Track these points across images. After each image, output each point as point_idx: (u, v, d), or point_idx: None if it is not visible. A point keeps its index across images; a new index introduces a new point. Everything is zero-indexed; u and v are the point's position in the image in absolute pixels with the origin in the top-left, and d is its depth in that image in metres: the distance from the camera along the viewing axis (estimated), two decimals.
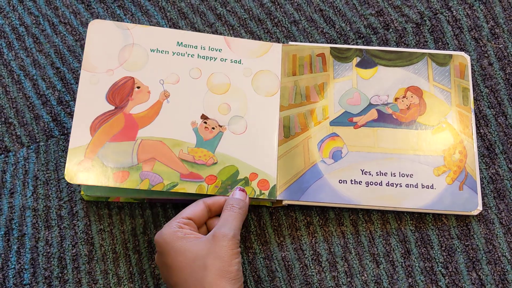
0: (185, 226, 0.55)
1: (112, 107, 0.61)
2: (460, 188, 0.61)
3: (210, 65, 0.64)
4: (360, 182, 0.61)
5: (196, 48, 0.65)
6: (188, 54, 0.64)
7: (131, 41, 0.64)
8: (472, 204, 0.60)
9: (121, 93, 0.62)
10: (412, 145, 0.63)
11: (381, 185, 0.61)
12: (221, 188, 0.60)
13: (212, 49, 0.65)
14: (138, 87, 0.62)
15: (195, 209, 0.57)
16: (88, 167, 0.59)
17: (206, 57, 0.65)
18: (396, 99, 0.65)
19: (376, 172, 0.61)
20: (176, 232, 0.54)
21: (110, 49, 0.63)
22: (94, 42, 0.63)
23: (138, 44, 0.64)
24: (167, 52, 0.64)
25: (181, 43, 0.65)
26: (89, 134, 0.60)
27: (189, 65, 0.64)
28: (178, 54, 0.64)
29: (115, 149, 0.60)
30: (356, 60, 0.66)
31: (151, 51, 0.64)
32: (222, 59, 0.65)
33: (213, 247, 0.52)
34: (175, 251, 0.53)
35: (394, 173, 0.61)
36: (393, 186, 0.61)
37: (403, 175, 0.61)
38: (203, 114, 0.63)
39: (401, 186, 0.61)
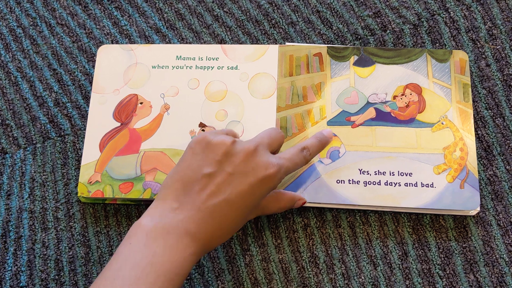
0: None
1: (118, 124, 0.65)
2: (461, 186, 0.60)
3: (208, 74, 0.66)
4: (358, 182, 0.61)
5: (194, 59, 0.67)
6: (187, 66, 0.67)
7: (135, 61, 0.67)
8: (474, 202, 0.59)
9: (126, 110, 0.65)
10: (411, 143, 0.62)
11: (380, 184, 0.61)
12: None
13: (210, 59, 0.67)
14: (141, 103, 0.66)
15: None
16: (98, 180, 0.62)
17: (204, 67, 0.67)
18: (394, 97, 0.64)
19: (375, 172, 0.61)
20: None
21: (116, 70, 0.67)
22: (102, 66, 0.67)
23: (141, 63, 0.67)
24: (167, 67, 0.67)
25: (180, 56, 0.67)
26: (98, 150, 0.64)
27: (187, 77, 0.66)
28: (177, 67, 0.67)
29: (121, 162, 0.63)
30: (354, 58, 0.66)
31: (153, 67, 0.67)
32: (219, 67, 0.66)
33: None
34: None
35: (392, 172, 0.61)
36: (391, 185, 0.61)
37: (402, 174, 0.61)
38: (201, 122, 0.64)
39: (400, 185, 0.60)
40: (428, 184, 0.60)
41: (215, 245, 0.52)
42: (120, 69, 0.67)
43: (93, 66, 0.69)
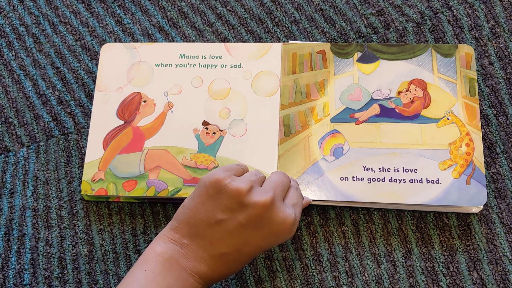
0: None
1: (122, 122, 0.65)
2: (468, 182, 0.60)
3: (211, 72, 0.66)
4: (362, 179, 0.61)
5: (198, 58, 0.67)
6: (190, 65, 0.67)
7: (138, 59, 0.68)
8: (480, 198, 0.59)
9: (130, 108, 0.66)
10: (416, 139, 0.62)
11: (384, 181, 0.60)
12: None
13: (213, 57, 0.67)
14: (145, 101, 0.66)
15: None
16: (101, 178, 0.63)
17: (207, 65, 0.67)
18: (399, 93, 0.64)
19: (379, 168, 0.61)
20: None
21: (119, 68, 0.67)
22: (105, 64, 0.67)
23: (144, 61, 0.67)
24: (170, 65, 0.67)
25: (183, 54, 0.67)
26: (102, 148, 0.64)
27: (191, 75, 0.67)
28: (181, 66, 0.67)
29: (124, 160, 0.63)
30: (357, 55, 0.66)
31: (156, 66, 0.67)
32: (222, 65, 0.67)
33: None
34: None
35: (397, 169, 0.61)
36: (396, 182, 0.60)
37: (406, 170, 0.61)
38: (204, 120, 0.65)
39: (404, 181, 0.60)
40: (433, 180, 0.60)
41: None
42: (124, 68, 0.67)
43: (96, 64, 0.69)
